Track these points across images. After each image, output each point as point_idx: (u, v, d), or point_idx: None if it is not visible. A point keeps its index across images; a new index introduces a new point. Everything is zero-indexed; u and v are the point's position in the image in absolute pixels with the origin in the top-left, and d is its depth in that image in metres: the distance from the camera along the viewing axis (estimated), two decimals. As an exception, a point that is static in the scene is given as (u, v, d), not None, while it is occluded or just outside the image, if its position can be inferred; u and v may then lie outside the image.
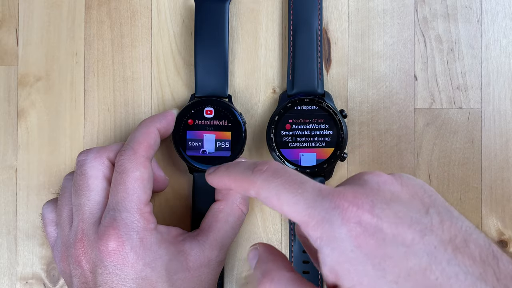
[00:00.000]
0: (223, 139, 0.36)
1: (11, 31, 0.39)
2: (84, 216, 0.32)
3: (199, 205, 0.37)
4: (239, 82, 0.39)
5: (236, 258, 0.38)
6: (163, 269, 0.31)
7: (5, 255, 0.39)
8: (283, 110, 0.37)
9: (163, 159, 0.38)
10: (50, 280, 0.38)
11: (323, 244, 0.24)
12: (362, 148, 0.38)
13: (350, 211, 0.23)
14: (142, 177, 0.32)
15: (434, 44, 0.38)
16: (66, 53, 0.39)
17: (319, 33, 0.37)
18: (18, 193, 0.39)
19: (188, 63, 0.39)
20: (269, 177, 0.26)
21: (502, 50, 0.38)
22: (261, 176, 0.26)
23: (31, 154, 0.39)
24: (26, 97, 0.39)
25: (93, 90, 0.39)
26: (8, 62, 0.39)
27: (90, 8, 0.39)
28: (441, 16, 0.38)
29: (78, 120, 0.39)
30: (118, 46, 0.39)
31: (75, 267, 0.32)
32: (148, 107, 0.39)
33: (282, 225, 0.38)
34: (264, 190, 0.26)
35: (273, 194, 0.25)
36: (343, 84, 0.38)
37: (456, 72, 0.38)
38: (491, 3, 0.38)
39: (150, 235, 0.31)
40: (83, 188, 0.33)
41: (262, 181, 0.26)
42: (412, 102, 0.38)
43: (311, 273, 0.37)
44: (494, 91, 0.38)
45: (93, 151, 0.34)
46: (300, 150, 0.36)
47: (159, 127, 0.35)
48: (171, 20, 0.39)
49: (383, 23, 0.39)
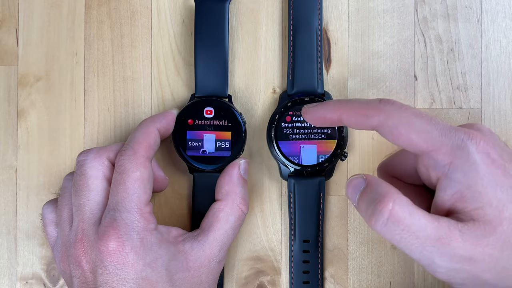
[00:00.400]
0: (223, 139, 0.36)
1: (11, 31, 0.39)
2: (84, 216, 0.32)
3: (199, 205, 0.37)
4: (239, 82, 0.39)
5: (236, 258, 0.38)
6: (163, 269, 0.31)
7: (5, 255, 0.39)
8: (283, 109, 0.36)
9: (163, 159, 0.38)
10: (50, 280, 0.38)
11: (454, 169, 0.27)
12: (362, 148, 0.38)
13: (482, 144, 0.27)
14: (142, 177, 0.32)
15: (434, 44, 0.38)
16: (66, 53, 0.39)
17: (319, 33, 0.37)
18: (18, 193, 0.39)
19: (188, 63, 0.39)
20: (401, 107, 0.28)
21: (502, 50, 0.38)
22: (392, 105, 0.28)
23: (31, 154, 0.39)
24: (26, 97, 0.39)
25: (93, 90, 0.39)
26: (8, 62, 0.39)
27: (90, 8, 0.39)
28: (441, 16, 0.38)
29: (78, 120, 0.39)
30: (118, 46, 0.39)
31: (75, 267, 0.32)
32: (148, 107, 0.39)
33: (282, 225, 0.38)
34: (393, 118, 0.28)
35: (403, 122, 0.27)
36: (343, 84, 0.38)
37: (456, 72, 0.38)
38: (491, 3, 0.38)
39: (150, 235, 0.31)
40: (83, 188, 0.33)
41: (393, 109, 0.28)
42: (412, 102, 0.38)
43: (311, 273, 0.37)
44: (494, 91, 0.38)
45: (93, 151, 0.34)
46: (301, 142, 0.36)
47: (159, 127, 0.35)
48: (171, 20, 0.39)
49: (383, 23, 0.39)
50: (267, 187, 0.38)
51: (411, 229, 0.26)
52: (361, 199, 0.28)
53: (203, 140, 0.36)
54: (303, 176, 0.37)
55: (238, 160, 0.36)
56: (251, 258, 0.38)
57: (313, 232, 0.37)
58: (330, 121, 0.31)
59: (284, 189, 0.38)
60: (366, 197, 0.28)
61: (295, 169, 0.36)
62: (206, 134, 0.36)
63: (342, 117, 0.30)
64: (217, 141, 0.36)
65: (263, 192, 0.38)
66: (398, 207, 0.26)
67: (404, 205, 0.26)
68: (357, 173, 0.29)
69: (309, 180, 0.37)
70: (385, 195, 0.27)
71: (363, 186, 0.28)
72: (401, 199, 0.26)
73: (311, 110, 0.31)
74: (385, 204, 0.26)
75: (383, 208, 0.26)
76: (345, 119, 0.30)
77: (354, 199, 0.29)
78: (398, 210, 0.26)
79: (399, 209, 0.26)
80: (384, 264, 0.38)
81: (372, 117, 0.28)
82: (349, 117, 0.29)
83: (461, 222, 0.26)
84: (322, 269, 0.37)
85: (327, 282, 0.38)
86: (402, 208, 0.26)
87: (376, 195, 0.27)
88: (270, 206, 0.38)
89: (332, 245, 0.38)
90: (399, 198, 0.26)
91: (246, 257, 0.38)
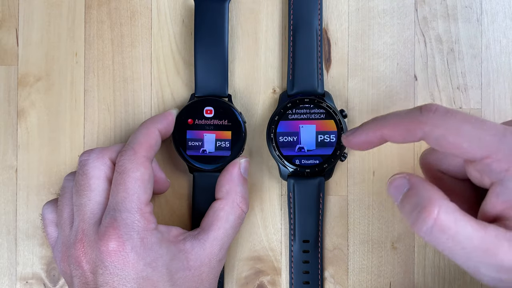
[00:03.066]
0: (223, 139, 0.36)
1: (11, 31, 0.39)
2: (84, 216, 0.32)
3: (199, 204, 0.37)
4: (239, 82, 0.39)
5: (236, 258, 0.38)
6: (164, 268, 0.31)
7: (5, 255, 0.39)
8: (283, 110, 0.37)
9: (163, 159, 0.38)
10: (50, 280, 0.38)
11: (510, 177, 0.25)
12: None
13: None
14: (142, 177, 0.32)
15: (434, 44, 0.38)
16: (66, 53, 0.39)
17: (319, 33, 0.37)
18: (18, 193, 0.39)
19: (188, 63, 0.39)
20: (446, 114, 0.26)
21: (502, 50, 0.38)
22: (435, 114, 0.26)
23: (31, 154, 0.39)
24: (26, 97, 0.39)
25: (93, 90, 0.39)
26: (8, 62, 0.39)
27: (90, 8, 0.39)
28: (441, 16, 0.38)
29: (78, 120, 0.39)
30: (118, 46, 0.39)
31: (76, 268, 0.32)
32: (148, 107, 0.39)
33: (282, 225, 0.38)
34: (439, 127, 0.26)
35: (452, 131, 0.25)
36: (343, 84, 0.38)
37: (456, 72, 0.38)
38: (491, 3, 0.38)
39: (150, 235, 0.31)
40: (84, 188, 0.33)
41: (437, 118, 0.26)
42: (412, 102, 0.38)
43: (311, 273, 0.37)
44: (494, 91, 0.38)
45: (95, 151, 0.34)
46: (300, 122, 0.36)
47: (159, 127, 0.35)
48: (171, 20, 0.39)
49: (383, 23, 0.39)
50: (267, 187, 0.38)
51: (456, 238, 0.25)
52: (405, 202, 0.27)
53: (203, 140, 0.36)
54: (302, 176, 0.37)
55: (238, 159, 0.36)
56: (251, 258, 0.38)
57: (313, 232, 0.37)
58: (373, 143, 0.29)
59: (284, 189, 0.38)
60: (410, 200, 0.26)
61: (294, 170, 0.36)
62: (206, 133, 0.36)
63: (385, 136, 0.28)
64: (217, 140, 0.36)
65: (263, 192, 0.38)
66: (443, 215, 0.25)
67: (449, 213, 0.25)
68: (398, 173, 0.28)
69: (309, 180, 0.37)
70: (430, 201, 0.25)
71: (407, 188, 0.27)
72: (447, 205, 0.25)
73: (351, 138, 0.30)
74: (430, 212, 0.25)
75: (427, 216, 0.25)
76: (388, 137, 0.28)
77: (397, 199, 0.27)
78: (443, 218, 0.25)
79: (444, 217, 0.25)
80: (384, 264, 0.38)
81: (415, 130, 0.26)
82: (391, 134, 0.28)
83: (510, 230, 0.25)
84: (322, 269, 0.37)
85: (327, 282, 0.38)
86: (448, 216, 0.25)
87: (421, 199, 0.26)
88: (270, 206, 0.38)
89: (332, 245, 0.38)
90: (445, 205, 0.25)
91: (246, 257, 0.38)
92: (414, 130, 0.26)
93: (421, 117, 0.26)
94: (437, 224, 0.25)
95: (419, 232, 0.25)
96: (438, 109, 0.26)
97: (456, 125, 0.26)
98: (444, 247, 0.25)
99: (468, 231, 0.25)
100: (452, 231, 0.25)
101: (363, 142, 0.29)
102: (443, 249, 0.25)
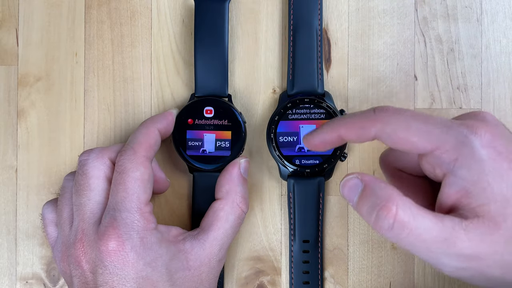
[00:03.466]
0: (223, 139, 0.36)
1: (11, 31, 0.39)
2: (84, 216, 0.32)
3: (199, 204, 0.37)
4: (239, 82, 0.39)
5: (236, 258, 0.38)
6: (163, 268, 0.31)
7: (5, 255, 0.39)
8: (283, 110, 0.37)
9: (163, 159, 0.38)
10: (50, 280, 0.38)
11: (459, 166, 0.26)
12: (362, 148, 0.38)
13: (487, 137, 0.26)
14: (142, 177, 0.32)
15: (434, 44, 0.38)
16: (66, 53, 0.39)
17: (319, 33, 0.37)
18: (18, 193, 0.39)
19: (188, 63, 0.39)
20: (396, 112, 0.28)
21: (502, 50, 0.38)
22: (386, 112, 0.28)
23: (31, 154, 0.39)
24: (26, 97, 0.39)
25: (93, 90, 0.39)
26: (8, 62, 0.39)
27: (90, 8, 0.39)
28: (441, 16, 0.38)
29: (78, 120, 0.39)
30: (118, 46, 0.39)
31: (75, 267, 0.32)
32: (148, 107, 0.39)
33: (282, 225, 0.38)
34: (390, 124, 0.27)
35: (401, 127, 0.27)
36: (343, 84, 0.38)
37: (456, 72, 0.38)
38: (491, 3, 0.38)
39: (150, 234, 0.31)
40: (84, 187, 0.33)
41: (389, 116, 0.27)
42: (412, 102, 0.38)
43: (311, 273, 0.37)
44: (494, 91, 0.38)
45: (95, 151, 0.34)
46: (300, 122, 0.36)
47: (159, 127, 0.35)
48: (171, 20, 0.39)
49: (383, 23, 0.39)
50: (267, 187, 0.38)
51: (416, 232, 0.26)
52: (361, 202, 0.27)
53: (203, 140, 0.36)
54: (302, 176, 0.37)
55: (238, 159, 0.36)
56: (251, 258, 0.38)
57: (313, 232, 0.37)
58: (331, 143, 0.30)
59: (284, 189, 0.38)
60: (366, 200, 0.27)
61: (294, 170, 0.36)
62: (206, 133, 0.36)
63: (342, 135, 0.29)
64: (217, 140, 0.36)
65: (263, 192, 0.38)
66: (401, 211, 0.26)
67: (407, 208, 0.26)
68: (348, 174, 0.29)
69: (309, 180, 0.37)
70: (388, 199, 0.26)
71: (361, 188, 0.28)
72: (403, 201, 0.26)
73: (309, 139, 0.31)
74: (389, 210, 0.26)
75: (387, 214, 0.26)
76: (345, 136, 0.29)
77: (352, 200, 0.28)
78: (402, 214, 0.26)
79: (402, 213, 0.26)
80: (384, 264, 0.38)
81: (369, 128, 0.28)
82: (347, 133, 0.29)
83: (466, 219, 0.26)
84: (322, 269, 0.37)
85: (327, 282, 0.38)
86: (406, 211, 0.26)
87: (378, 199, 0.26)
88: (270, 206, 0.38)
89: (332, 245, 0.38)
90: (402, 201, 0.26)
91: (246, 257, 0.38)
92: (368, 128, 0.28)
93: (374, 116, 0.28)
94: (397, 221, 0.26)
95: (380, 231, 0.26)
96: (389, 108, 0.28)
97: (406, 121, 0.27)
98: (406, 242, 0.26)
99: (427, 224, 0.26)
100: (412, 225, 0.26)
101: (321, 142, 0.30)
102: (404, 244, 0.26)
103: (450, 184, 0.27)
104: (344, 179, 0.29)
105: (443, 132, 0.27)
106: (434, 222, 0.26)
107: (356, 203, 0.28)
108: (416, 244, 0.26)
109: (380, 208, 0.26)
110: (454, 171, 0.27)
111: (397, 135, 0.27)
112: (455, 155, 0.27)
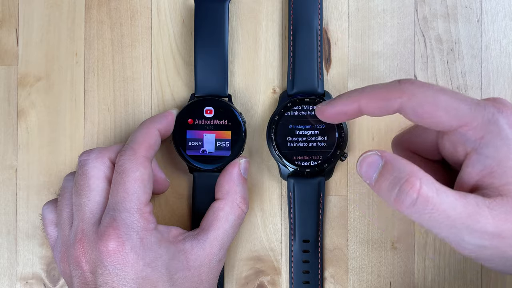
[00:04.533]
0: (223, 139, 0.36)
1: (11, 31, 0.39)
2: (84, 216, 0.32)
3: (199, 204, 0.37)
4: (239, 82, 0.39)
5: (236, 258, 0.38)
6: (163, 268, 0.31)
7: (5, 255, 0.39)
8: (283, 110, 0.37)
9: (163, 159, 0.38)
10: (50, 280, 0.38)
11: (485, 144, 0.26)
12: (362, 148, 0.38)
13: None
14: (142, 177, 0.32)
15: (434, 44, 0.38)
16: (66, 53, 0.39)
17: (319, 33, 0.37)
18: (18, 193, 0.39)
19: (188, 63, 0.39)
20: (423, 85, 0.27)
21: (502, 50, 0.38)
22: (413, 85, 0.27)
23: (31, 154, 0.39)
24: (26, 97, 0.39)
25: (93, 90, 0.39)
26: (8, 62, 0.39)
27: (90, 8, 0.39)
28: (441, 16, 0.38)
29: (78, 120, 0.39)
30: (118, 46, 0.39)
31: (75, 268, 0.32)
32: (148, 107, 0.39)
33: (282, 225, 0.38)
34: (417, 97, 0.26)
35: (429, 101, 0.26)
36: (343, 84, 0.38)
37: (456, 72, 0.38)
38: (491, 3, 0.38)
39: (150, 235, 0.31)
40: (84, 188, 0.33)
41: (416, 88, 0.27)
42: (412, 102, 0.38)
43: (311, 273, 0.37)
44: (494, 91, 0.38)
45: (95, 151, 0.34)
46: None
47: (159, 127, 0.35)
48: (171, 20, 0.39)
49: (383, 23, 0.39)
50: (267, 187, 0.38)
51: (440, 207, 0.25)
52: (381, 178, 0.26)
53: (203, 140, 0.36)
54: (302, 176, 0.37)
55: (238, 159, 0.36)
56: (251, 258, 0.38)
57: (313, 232, 0.37)
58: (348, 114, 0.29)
59: (284, 189, 0.38)
60: (388, 176, 0.26)
61: (294, 170, 0.36)
62: (206, 133, 0.36)
63: (362, 106, 0.28)
64: (217, 140, 0.36)
65: (263, 192, 0.38)
66: (425, 186, 0.25)
67: (430, 183, 0.25)
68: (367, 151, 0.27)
69: (309, 180, 0.37)
70: (411, 174, 0.25)
71: (381, 164, 0.27)
72: (427, 177, 0.26)
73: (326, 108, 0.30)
74: (413, 184, 0.25)
75: (411, 188, 0.25)
76: (365, 108, 0.28)
77: (371, 178, 0.27)
78: (426, 189, 0.25)
79: (426, 188, 0.25)
80: (384, 264, 0.38)
81: (393, 99, 0.27)
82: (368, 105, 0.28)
83: (489, 198, 0.26)
84: (322, 269, 0.37)
85: (327, 282, 0.38)
86: (429, 186, 0.25)
87: (400, 173, 0.26)
88: (270, 206, 0.38)
89: (332, 245, 0.38)
90: (425, 177, 0.25)
91: (246, 257, 0.38)
92: (393, 100, 0.27)
93: (400, 87, 0.27)
94: (421, 195, 0.25)
95: (401, 207, 0.25)
96: (416, 81, 0.27)
97: (433, 95, 0.26)
98: (428, 219, 0.25)
99: (450, 200, 0.25)
100: (435, 200, 0.25)
101: (337, 113, 0.29)
102: (426, 221, 0.26)
103: (474, 163, 0.26)
104: (362, 156, 0.28)
105: (471, 109, 0.26)
106: (457, 198, 0.25)
107: (375, 180, 0.27)
108: (440, 221, 0.25)
109: (404, 183, 0.25)
110: (479, 149, 0.26)
111: (423, 109, 0.26)
112: (481, 133, 0.26)
